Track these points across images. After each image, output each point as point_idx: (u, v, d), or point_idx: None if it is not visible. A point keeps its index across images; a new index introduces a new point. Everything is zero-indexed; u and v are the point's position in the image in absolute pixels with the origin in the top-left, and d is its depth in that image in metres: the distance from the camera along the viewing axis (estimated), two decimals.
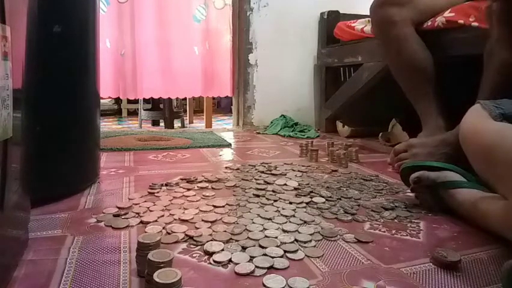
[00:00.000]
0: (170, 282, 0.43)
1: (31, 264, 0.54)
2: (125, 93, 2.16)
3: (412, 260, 0.58)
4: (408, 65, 1.19)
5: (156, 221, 0.70)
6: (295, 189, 0.91)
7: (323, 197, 0.85)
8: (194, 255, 0.58)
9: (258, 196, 0.84)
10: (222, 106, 4.39)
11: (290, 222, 0.70)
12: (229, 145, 1.53)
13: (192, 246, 0.60)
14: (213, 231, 0.65)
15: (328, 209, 0.78)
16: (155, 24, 2.09)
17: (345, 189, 0.92)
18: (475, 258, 0.59)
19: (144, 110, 3.10)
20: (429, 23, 1.22)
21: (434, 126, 1.14)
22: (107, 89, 2.06)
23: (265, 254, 0.57)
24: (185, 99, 3.35)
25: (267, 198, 0.83)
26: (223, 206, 0.78)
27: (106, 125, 3.16)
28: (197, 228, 0.66)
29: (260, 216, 0.72)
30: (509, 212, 0.59)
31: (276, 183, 0.95)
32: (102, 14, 1.93)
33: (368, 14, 1.35)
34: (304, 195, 0.85)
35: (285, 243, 0.61)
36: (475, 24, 1.07)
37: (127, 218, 0.71)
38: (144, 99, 2.71)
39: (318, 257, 0.58)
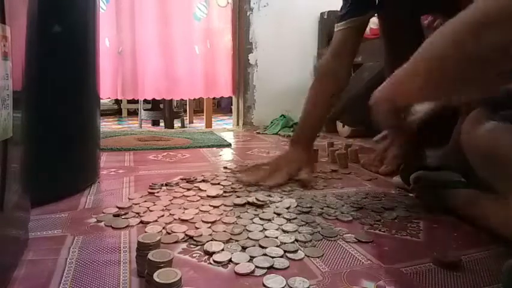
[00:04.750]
0: (170, 282, 0.43)
1: (31, 264, 0.54)
2: (124, 94, 2.14)
3: (412, 260, 0.58)
4: None
5: (156, 221, 0.70)
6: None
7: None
8: (194, 255, 0.58)
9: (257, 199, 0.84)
10: (222, 106, 4.38)
11: (290, 222, 0.70)
12: (229, 145, 1.53)
13: (192, 246, 0.60)
14: (213, 231, 0.65)
15: (328, 210, 0.78)
16: (155, 22, 2.08)
17: (345, 189, 0.92)
18: (475, 258, 0.59)
19: (144, 110, 3.10)
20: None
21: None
22: (105, 89, 2.04)
23: (265, 254, 0.57)
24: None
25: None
26: (223, 206, 0.78)
27: (106, 125, 3.16)
28: (197, 228, 0.66)
29: (260, 217, 0.72)
30: (509, 212, 0.59)
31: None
32: (102, 12, 1.92)
33: None
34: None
35: (285, 243, 0.61)
36: None
37: (127, 218, 0.71)
38: (144, 99, 2.70)
39: (318, 257, 0.58)
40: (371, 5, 1.06)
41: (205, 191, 0.87)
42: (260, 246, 0.60)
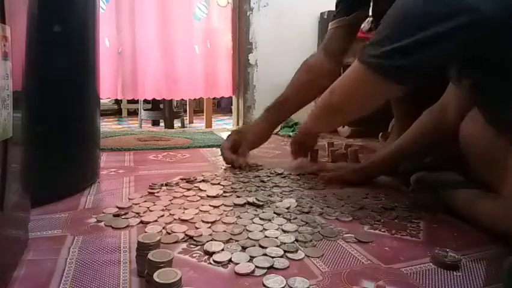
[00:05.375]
0: (170, 282, 0.43)
1: (31, 264, 0.54)
2: (124, 94, 2.13)
3: (412, 260, 0.58)
4: None
5: (156, 221, 0.70)
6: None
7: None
8: (194, 255, 0.58)
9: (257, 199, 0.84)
10: (222, 106, 4.39)
11: (290, 222, 0.70)
12: None
13: (191, 246, 0.60)
14: (213, 231, 0.65)
15: (328, 210, 0.78)
16: (155, 22, 2.07)
17: (345, 189, 0.92)
18: (475, 258, 0.59)
19: (144, 110, 3.11)
20: None
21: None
22: (105, 89, 2.03)
23: (265, 254, 0.57)
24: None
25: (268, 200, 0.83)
26: (223, 206, 0.78)
27: (106, 125, 3.16)
28: (197, 228, 0.66)
29: (260, 217, 0.72)
30: (508, 212, 0.59)
31: (279, 185, 0.95)
32: (102, 12, 1.92)
33: None
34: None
35: (285, 243, 0.61)
36: None
37: (127, 218, 0.71)
38: (144, 99, 2.70)
39: (318, 257, 0.58)
40: (361, 5, 1.06)
41: (205, 191, 0.87)
42: (260, 246, 0.60)
